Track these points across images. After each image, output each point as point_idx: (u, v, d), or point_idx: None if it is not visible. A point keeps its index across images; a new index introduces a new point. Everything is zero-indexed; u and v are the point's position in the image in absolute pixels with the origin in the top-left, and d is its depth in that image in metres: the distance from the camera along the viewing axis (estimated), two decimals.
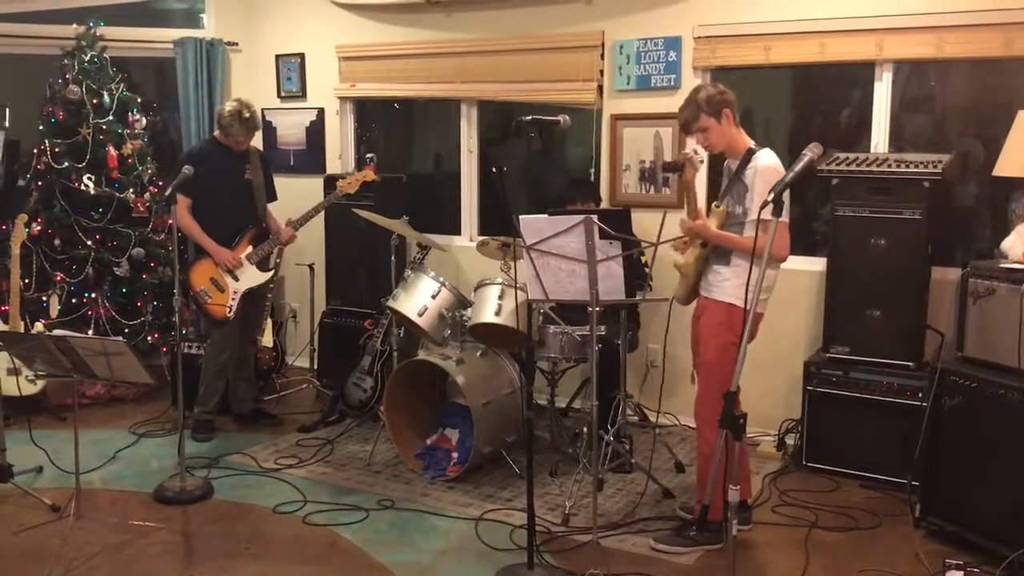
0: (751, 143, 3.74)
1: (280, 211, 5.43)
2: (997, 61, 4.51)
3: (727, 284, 3.69)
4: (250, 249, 5.17)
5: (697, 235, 3.74)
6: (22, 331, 5.34)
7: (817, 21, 4.78)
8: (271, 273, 5.32)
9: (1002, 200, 4.41)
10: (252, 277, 5.18)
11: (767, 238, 3.54)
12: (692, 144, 3.92)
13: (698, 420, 3.89)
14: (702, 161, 3.77)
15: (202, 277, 5.07)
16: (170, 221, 5.39)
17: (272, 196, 5.44)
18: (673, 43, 5.20)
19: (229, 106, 5.07)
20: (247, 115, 5.04)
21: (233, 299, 5.09)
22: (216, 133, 5.22)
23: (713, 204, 3.77)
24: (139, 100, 6.21)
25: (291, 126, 6.69)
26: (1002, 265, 3.73)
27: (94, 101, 5.92)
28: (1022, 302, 3.54)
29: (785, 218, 3.54)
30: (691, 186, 3.85)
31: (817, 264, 4.87)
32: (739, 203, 3.66)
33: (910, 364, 4.38)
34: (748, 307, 2.56)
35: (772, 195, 2.60)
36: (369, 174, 5.29)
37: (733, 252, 3.67)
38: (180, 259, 4.59)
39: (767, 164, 3.59)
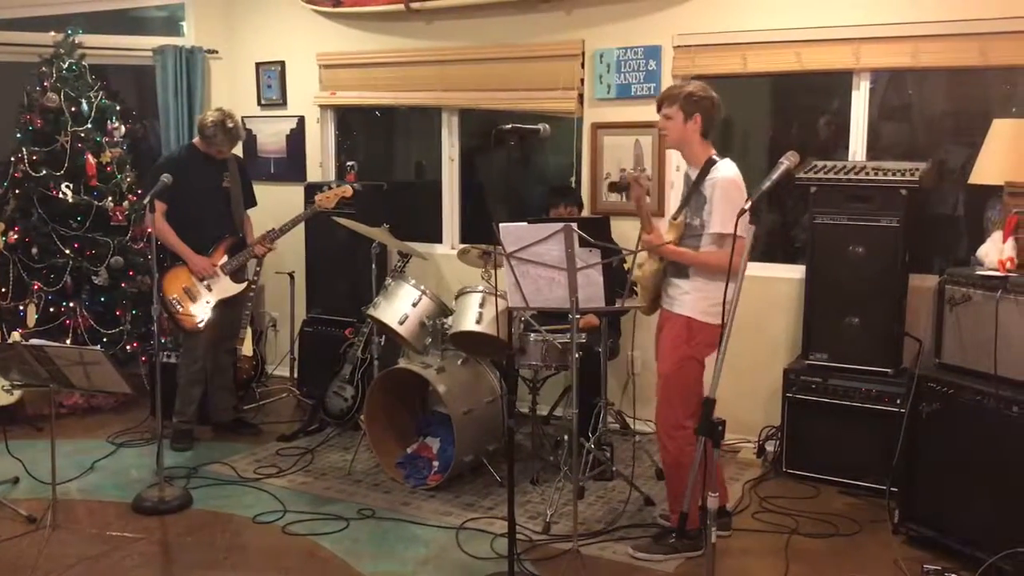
0: (713, 152, 3.71)
1: (260, 219, 5.41)
2: (973, 70, 4.55)
3: (687, 298, 3.69)
4: (225, 259, 5.15)
5: (653, 251, 3.74)
6: None
7: (794, 30, 4.82)
8: (245, 284, 5.28)
9: (978, 208, 4.45)
10: (225, 288, 5.14)
11: (731, 252, 3.56)
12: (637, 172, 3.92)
13: (659, 430, 3.86)
14: (649, 179, 3.78)
15: (175, 285, 5.03)
16: (149, 229, 5.35)
17: (251, 202, 5.43)
18: (653, 52, 5.23)
19: (212, 115, 5.05)
20: (230, 125, 5.02)
21: (205, 310, 5.06)
22: (196, 140, 5.20)
23: (670, 217, 3.77)
24: (118, 108, 6.17)
25: (271, 134, 6.67)
26: (978, 272, 3.76)
27: (72, 109, 5.89)
28: (998, 309, 3.57)
29: (741, 232, 3.56)
30: (641, 203, 3.85)
31: (796, 272, 4.90)
32: (696, 215, 3.65)
33: (888, 371, 4.41)
34: (725, 319, 2.55)
35: (749, 204, 2.60)
36: (348, 190, 5.27)
37: (690, 266, 3.67)
38: (159, 267, 4.56)
39: (726, 176, 3.58)
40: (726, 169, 3.61)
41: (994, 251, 3.81)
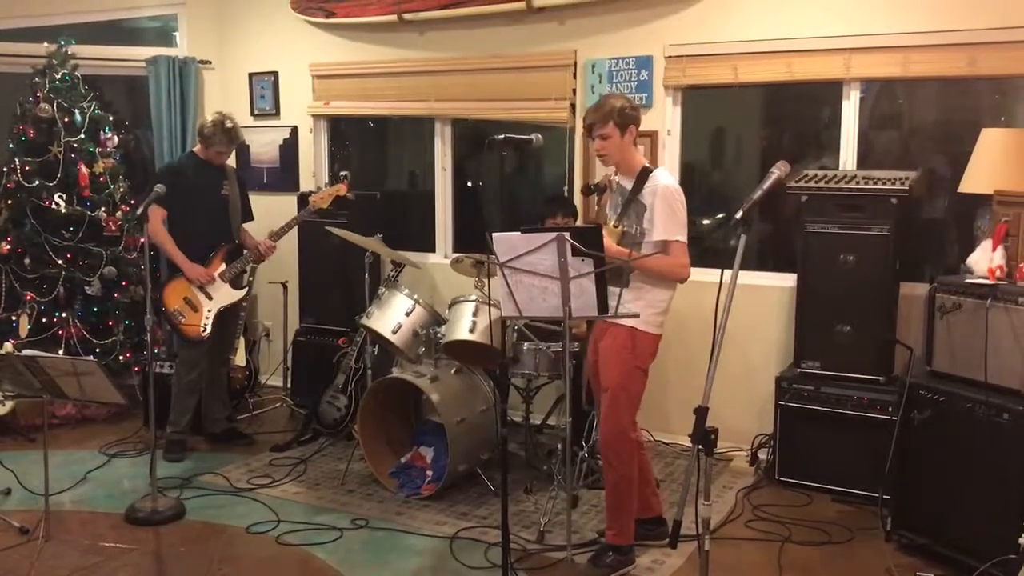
0: (645, 162, 3.75)
1: (254, 229, 5.41)
2: (962, 80, 4.59)
3: (628, 308, 3.63)
4: (223, 267, 5.15)
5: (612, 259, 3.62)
6: None
7: (785, 41, 4.85)
8: (244, 291, 5.29)
9: (968, 216, 4.48)
10: (225, 296, 5.15)
11: (671, 260, 3.55)
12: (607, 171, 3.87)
13: (604, 447, 3.73)
14: (619, 183, 3.79)
15: (175, 297, 5.04)
16: (142, 240, 5.34)
17: (248, 216, 5.44)
18: (644, 62, 5.26)
19: (211, 117, 5.11)
20: (229, 125, 5.05)
21: (207, 318, 5.07)
22: (196, 148, 5.23)
23: (611, 224, 3.73)
24: (111, 118, 6.17)
25: (264, 144, 6.68)
26: (968, 280, 3.78)
27: (65, 119, 5.88)
28: (988, 317, 3.59)
29: (684, 238, 3.56)
30: (604, 208, 3.87)
31: (787, 280, 4.92)
32: (636, 223, 3.65)
33: (880, 379, 4.43)
34: (719, 327, 2.56)
35: (741, 213, 2.60)
36: (342, 188, 5.30)
37: (633, 274, 3.61)
38: (152, 278, 4.56)
39: (667, 184, 3.61)
40: (665, 178, 3.65)
41: (984, 259, 3.83)
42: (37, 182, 5.81)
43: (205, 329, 5.06)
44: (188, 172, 5.11)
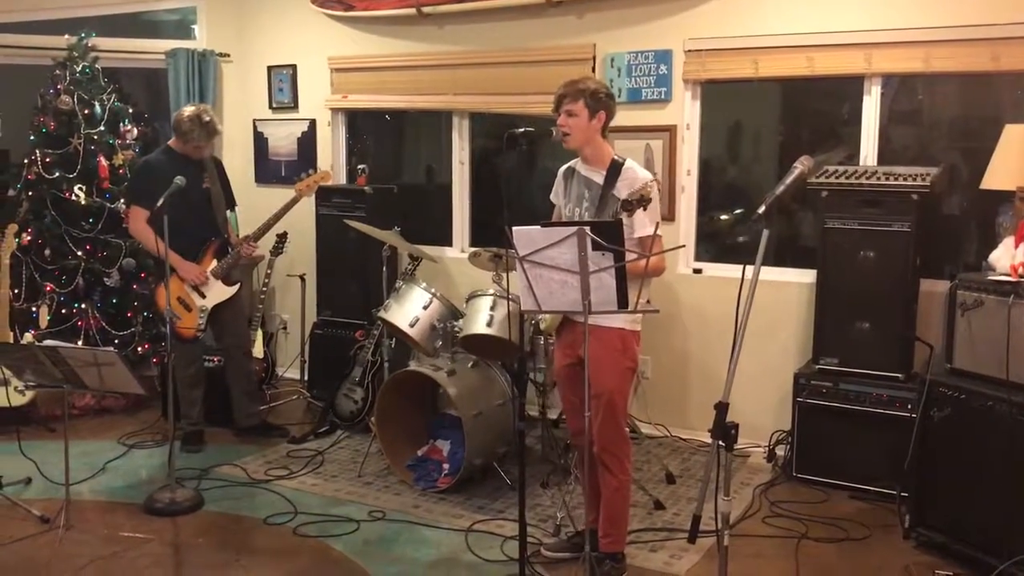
0: (615, 155, 3.59)
1: (251, 222, 5.37)
2: (985, 75, 4.55)
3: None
4: (215, 263, 5.13)
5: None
6: (11, 342, 5.32)
7: (805, 35, 4.82)
8: (238, 286, 5.23)
9: (990, 213, 4.45)
10: (219, 293, 5.11)
11: (660, 256, 3.39)
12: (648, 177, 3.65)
13: (606, 456, 3.55)
14: (583, 173, 3.67)
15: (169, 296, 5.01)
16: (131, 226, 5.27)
17: (231, 203, 5.40)
18: (664, 56, 5.24)
19: (187, 111, 5.00)
20: (207, 119, 4.96)
21: (201, 318, 5.05)
22: (172, 141, 5.13)
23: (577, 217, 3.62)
24: (130, 110, 6.21)
25: (283, 137, 6.70)
26: (990, 277, 3.76)
27: (85, 111, 5.92)
28: (1009, 314, 3.56)
29: (658, 231, 3.38)
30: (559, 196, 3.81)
31: (807, 276, 4.89)
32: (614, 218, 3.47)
33: (899, 376, 4.40)
34: (739, 323, 2.55)
35: (763, 208, 2.59)
36: (327, 175, 5.25)
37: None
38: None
39: (646, 178, 3.43)
40: (643, 171, 3.53)
41: (1006, 256, 3.81)
42: (57, 174, 5.85)
43: (199, 329, 5.05)
44: (168, 168, 4.83)
